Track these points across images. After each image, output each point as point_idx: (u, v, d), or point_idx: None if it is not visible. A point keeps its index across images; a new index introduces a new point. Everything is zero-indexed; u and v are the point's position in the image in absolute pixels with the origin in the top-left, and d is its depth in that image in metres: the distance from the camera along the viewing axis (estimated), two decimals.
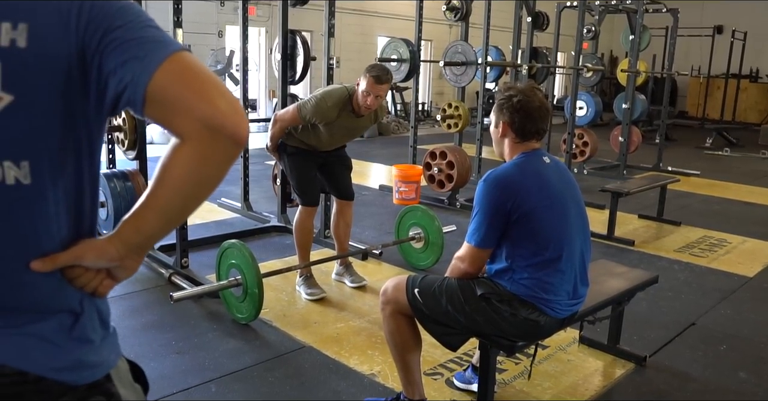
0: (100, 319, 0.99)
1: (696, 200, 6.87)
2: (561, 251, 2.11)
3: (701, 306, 3.70)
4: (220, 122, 0.85)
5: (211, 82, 0.88)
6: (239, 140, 0.87)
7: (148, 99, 0.85)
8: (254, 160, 5.92)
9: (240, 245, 3.15)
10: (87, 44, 0.86)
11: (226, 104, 0.87)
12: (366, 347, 3.03)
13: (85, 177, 0.94)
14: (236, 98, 0.90)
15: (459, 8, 5.82)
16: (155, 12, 6.10)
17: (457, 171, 5.69)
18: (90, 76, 0.88)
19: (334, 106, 3.30)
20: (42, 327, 0.92)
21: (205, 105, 0.85)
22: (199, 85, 0.87)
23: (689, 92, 16.69)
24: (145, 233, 0.93)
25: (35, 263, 0.90)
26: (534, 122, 2.16)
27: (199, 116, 0.85)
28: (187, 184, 0.89)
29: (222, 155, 0.88)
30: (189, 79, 0.87)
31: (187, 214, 0.95)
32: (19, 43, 0.84)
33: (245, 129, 0.87)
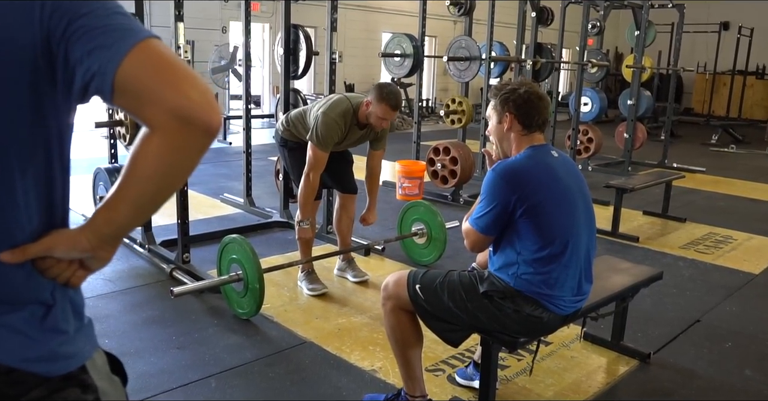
0: (74, 310, 0.98)
1: (701, 196, 6.83)
2: (566, 246, 2.09)
3: (706, 303, 3.67)
4: (190, 113, 0.83)
5: (182, 71, 0.85)
6: (210, 130, 0.85)
7: (116, 89, 0.83)
8: (257, 155, 5.90)
9: (241, 240, 3.13)
10: (52, 33, 0.84)
11: (197, 94, 0.84)
12: (367, 343, 3.01)
13: (55, 167, 0.93)
14: (208, 87, 0.87)
15: (463, 3, 5.79)
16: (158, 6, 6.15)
17: (461, 167, 5.67)
18: (56, 66, 0.86)
19: (342, 117, 3.28)
20: (12, 318, 0.90)
21: (175, 95, 0.83)
22: (169, 75, 0.84)
23: (695, 89, 16.61)
24: (116, 223, 0.91)
25: (4, 254, 0.88)
26: (539, 111, 2.15)
27: (168, 107, 0.82)
28: (157, 174, 0.87)
29: (192, 146, 0.86)
30: (158, 68, 0.84)
31: (159, 204, 0.93)
32: None
33: (217, 119, 0.85)
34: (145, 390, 2.51)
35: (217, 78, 9.80)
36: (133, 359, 2.77)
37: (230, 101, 10.88)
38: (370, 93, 3.27)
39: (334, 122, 3.26)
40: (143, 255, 4.02)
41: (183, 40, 3.53)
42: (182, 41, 3.53)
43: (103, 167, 3.97)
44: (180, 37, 3.53)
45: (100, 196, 4.03)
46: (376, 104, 3.23)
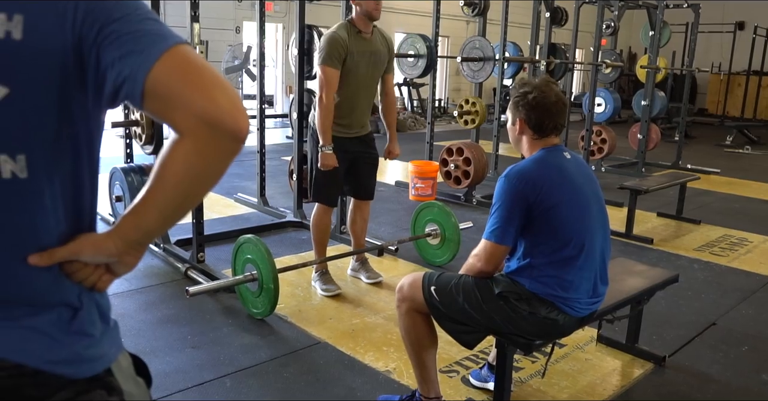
0: (100, 313, 0.99)
1: (716, 198, 6.78)
2: (582, 248, 2.08)
3: (722, 306, 3.65)
4: (218, 118, 0.83)
5: (211, 77, 0.86)
6: (239, 135, 0.85)
7: (146, 94, 0.84)
8: (270, 155, 5.92)
9: (256, 240, 3.15)
10: (84, 37, 0.85)
11: (226, 99, 0.85)
12: (381, 343, 3.01)
13: (84, 171, 0.94)
14: (236, 93, 0.87)
15: (477, 3, 5.77)
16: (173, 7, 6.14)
17: (474, 168, 5.66)
18: (87, 70, 0.86)
19: (340, 32, 3.31)
20: (40, 321, 0.91)
21: (203, 100, 0.83)
22: (198, 80, 0.85)
23: (709, 89, 16.50)
24: (143, 229, 0.92)
25: (33, 257, 0.89)
26: (551, 117, 2.13)
27: (197, 112, 0.83)
28: (185, 180, 0.87)
29: (221, 151, 0.87)
30: (188, 73, 0.85)
31: (187, 210, 0.94)
32: (15, 35, 0.82)
33: (245, 125, 0.86)
34: (161, 389, 2.53)
35: (231, 78, 9.84)
36: (149, 358, 2.78)
37: (244, 101, 10.92)
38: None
39: (333, 34, 3.30)
40: (158, 254, 4.05)
41: (198, 40, 3.55)
42: (197, 41, 3.55)
43: (119, 167, 3.99)
44: (195, 38, 3.55)
45: (116, 195, 4.06)
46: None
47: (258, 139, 5.12)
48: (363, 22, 3.36)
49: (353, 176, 3.58)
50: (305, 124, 4.64)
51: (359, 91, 3.42)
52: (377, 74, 3.51)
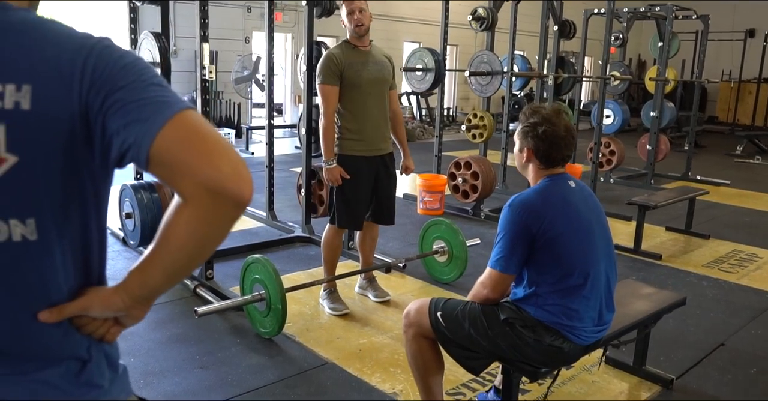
0: (109, 363, 1.02)
1: (725, 211, 6.75)
2: (586, 277, 2.09)
3: (731, 326, 3.63)
4: (221, 186, 0.85)
5: (215, 144, 0.87)
6: (241, 201, 0.87)
7: (151, 161, 0.86)
8: (278, 166, 5.95)
9: (264, 260, 3.17)
10: (90, 105, 0.87)
11: (229, 167, 0.86)
12: (389, 364, 3.02)
13: (92, 228, 0.97)
14: (240, 158, 0.89)
15: (485, 18, 5.79)
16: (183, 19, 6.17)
17: (482, 182, 5.67)
18: (94, 137, 0.89)
19: (333, 50, 3.42)
20: (49, 374, 0.94)
21: (206, 168, 0.85)
22: (202, 147, 0.86)
23: (719, 97, 16.44)
24: (149, 286, 0.95)
25: (43, 314, 0.92)
26: (559, 150, 2.15)
27: (200, 180, 0.85)
28: (188, 244, 0.89)
29: (223, 217, 0.88)
30: (191, 141, 0.86)
31: (191, 269, 0.96)
32: (23, 105, 0.85)
33: (248, 190, 0.87)
34: None
35: (240, 88, 9.89)
36: (158, 378, 2.81)
37: (253, 110, 10.98)
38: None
39: (327, 54, 3.42)
40: None
41: (207, 60, 3.59)
42: (206, 62, 3.58)
43: (129, 184, 4.03)
44: (205, 58, 3.58)
45: (126, 212, 4.09)
46: (342, 13, 3.42)
47: (267, 153, 5.15)
48: (355, 39, 3.42)
49: (375, 199, 3.57)
50: (314, 139, 4.67)
51: (367, 101, 3.41)
52: (383, 83, 3.48)
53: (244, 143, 9.65)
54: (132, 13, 4.08)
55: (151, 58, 3.83)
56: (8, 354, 0.93)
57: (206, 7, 3.58)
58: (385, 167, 3.53)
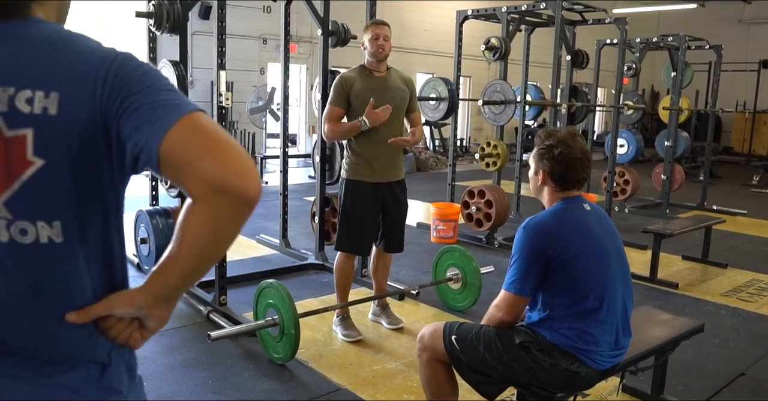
0: (128, 369, 1.04)
1: (743, 240, 6.68)
2: (602, 301, 2.07)
3: (750, 355, 3.56)
4: (226, 182, 0.86)
5: (221, 142, 0.89)
6: (247, 199, 0.88)
7: (161, 161, 0.88)
8: (292, 195, 5.98)
9: (278, 285, 3.17)
10: (108, 111, 0.90)
11: (235, 164, 0.87)
12: (402, 390, 2.99)
13: (113, 231, 0.99)
14: (247, 157, 0.90)
15: (498, 48, 5.85)
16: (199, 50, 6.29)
17: (496, 210, 5.66)
18: (111, 141, 0.92)
19: (348, 73, 3.46)
20: (71, 378, 0.96)
21: (213, 166, 0.86)
22: (208, 146, 0.88)
23: (734, 127, 16.40)
24: (168, 286, 0.97)
25: (70, 315, 0.94)
26: (575, 172, 2.15)
27: (205, 176, 0.86)
28: (200, 243, 0.91)
29: (230, 215, 0.89)
30: (198, 140, 0.88)
31: (206, 269, 0.97)
32: (51, 110, 0.89)
33: (255, 188, 0.88)
34: None
35: (255, 118, 10.02)
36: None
37: (267, 140, 11.09)
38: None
39: (340, 75, 3.46)
40: (181, 297, 4.07)
41: (224, 88, 3.65)
42: (223, 89, 3.64)
43: (144, 210, 4.07)
44: (221, 85, 3.64)
45: (141, 238, 4.13)
46: (364, 36, 3.43)
47: (281, 181, 5.18)
48: (372, 64, 3.44)
49: (383, 226, 3.57)
50: (327, 167, 4.71)
51: (378, 128, 3.37)
52: (396, 108, 3.43)
53: (259, 173, 9.71)
54: (151, 42, 4.17)
55: None
56: (33, 358, 0.95)
57: (224, 35, 3.66)
58: (393, 194, 3.53)
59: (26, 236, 0.91)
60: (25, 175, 0.89)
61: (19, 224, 0.91)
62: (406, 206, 3.65)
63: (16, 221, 0.90)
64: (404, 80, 3.56)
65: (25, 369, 0.94)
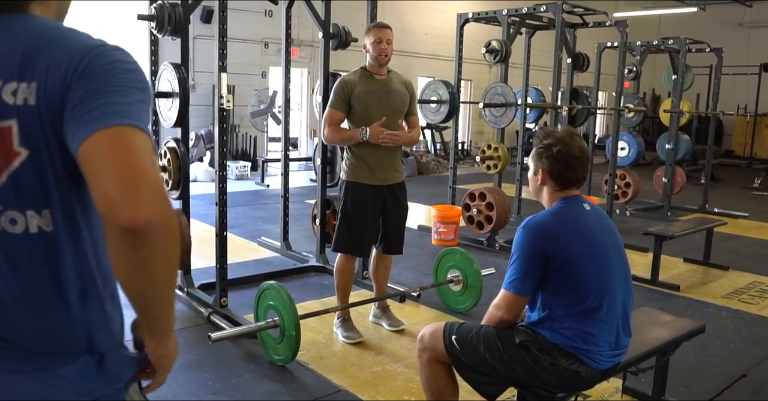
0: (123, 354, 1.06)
1: (744, 243, 6.67)
2: (602, 301, 2.07)
3: (752, 357, 3.56)
4: (106, 208, 0.84)
5: (124, 164, 0.85)
6: (127, 227, 0.83)
7: (79, 160, 0.87)
8: (293, 198, 5.99)
9: (278, 286, 3.17)
10: (68, 101, 0.90)
11: (125, 186, 0.83)
12: (402, 392, 2.98)
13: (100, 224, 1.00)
14: (150, 180, 0.85)
15: (498, 50, 5.86)
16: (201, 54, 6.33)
17: (496, 213, 5.66)
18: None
19: (348, 75, 3.46)
20: (70, 369, 0.97)
21: (102, 184, 0.84)
22: (110, 164, 0.85)
23: (736, 131, 16.40)
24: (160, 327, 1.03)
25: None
26: (574, 170, 2.14)
27: (96, 195, 0.85)
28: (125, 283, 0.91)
29: (118, 242, 0.86)
30: (109, 154, 0.85)
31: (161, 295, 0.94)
32: (30, 101, 0.90)
33: (136, 215, 0.82)
34: None
35: (256, 122, 10.04)
36: None
37: (268, 144, 11.11)
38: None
39: (341, 78, 3.48)
40: (182, 298, 4.08)
41: (225, 90, 3.65)
42: (225, 91, 3.65)
43: None
44: (222, 88, 3.65)
45: None
46: (366, 39, 3.42)
47: (282, 183, 5.19)
48: (374, 67, 3.45)
49: (383, 223, 3.58)
50: (328, 169, 4.72)
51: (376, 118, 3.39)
52: (395, 113, 3.45)
53: (260, 176, 9.74)
54: (153, 45, 4.17)
55: (170, 87, 3.90)
56: (32, 351, 0.95)
57: (225, 38, 3.67)
58: (393, 196, 3.53)
59: (16, 226, 0.92)
60: (12, 165, 0.90)
61: (9, 214, 0.92)
62: (406, 208, 3.65)
63: (6, 211, 0.92)
64: (404, 83, 3.56)
65: (25, 363, 0.95)
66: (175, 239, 0.89)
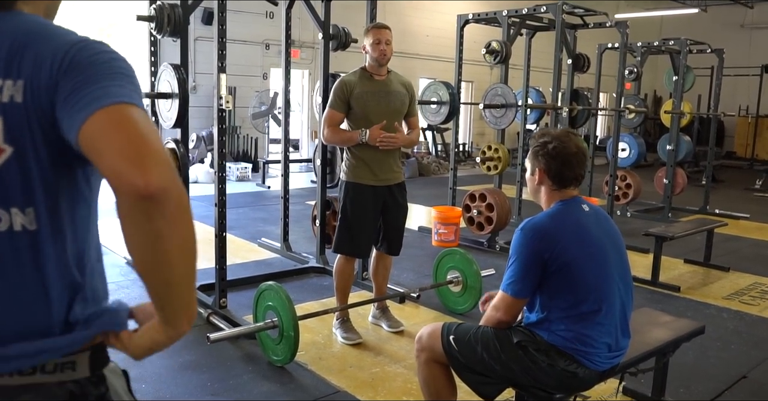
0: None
1: (745, 244, 6.65)
2: (601, 304, 2.06)
3: (752, 358, 3.54)
4: (117, 178, 0.83)
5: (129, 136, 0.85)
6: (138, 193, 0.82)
7: (81, 146, 0.87)
8: (294, 200, 5.99)
9: (277, 287, 3.16)
10: (58, 97, 0.90)
11: (133, 155, 0.83)
12: (401, 393, 2.98)
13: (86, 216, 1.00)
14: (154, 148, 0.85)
15: (498, 51, 5.86)
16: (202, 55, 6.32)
17: (497, 214, 5.65)
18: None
19: (348, 76, 3.47)
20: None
21: (111, 158, 0.84)
22: (115, 138, 0.85)
23: (737, 132, 16.37)
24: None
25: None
26: (571, 168, 2.13)
27: (104, 171, 0.85)
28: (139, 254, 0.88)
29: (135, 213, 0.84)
30: (111, 130, 0.85)
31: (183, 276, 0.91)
32: (17, 98, 0.90)
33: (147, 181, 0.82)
34: None
35: (258, 123, 10.04)
36: None
37: (270, 145, 11.12)
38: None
39: (341, 78, 3.47)
40: None
41: (225, 91, 3.65)
42: (224, 92, 3.65)
43: None
44: (222, 88, 3.65)
45: None
46: (366, 40, 3.43)
47: (282, 184, 5.19)
48: (373, 68, 3.45)
49: (383, 228, 3.57)
50: (328, 170, 4.72)
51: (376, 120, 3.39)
52: (395, 114, 3.45)
53: (261, 177, 9.74)
54: (152, 46, 4.17)
55: (170, 88, 3.90)
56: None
57: (224, 38, 3.67)
58: (393, 197, 3.52)
59: (1, 224, 0.92)
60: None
61: None
62: (406, 209, 3.65)
63: None
64: (404, 84, 3.56)
65: None
66: (189, 214, 0.87)
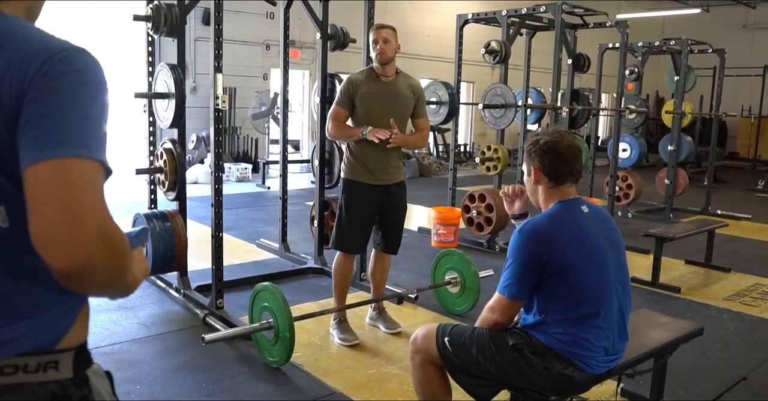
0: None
1: (747, 245, 6.62)
2: (598, 308, 2.03)
3: (753, 359, 3.51)
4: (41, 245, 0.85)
5: (66, 204, 0.84)
6: (59, 272, 0.85)
7: (24, 180, 0.86)
8: (293, 200, 5.97)
9: (272, 288, 3.14)
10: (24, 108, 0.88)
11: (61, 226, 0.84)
12: (397, 394, 2.95)
13: None
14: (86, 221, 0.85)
15: (498, 51, 5.83)
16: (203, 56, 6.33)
17: (496, 214, 5.62)
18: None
19: (356, 75, 3.48)
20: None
21: (40, 220, 0.84)
22: (49, 200, 0.84)
23: (739, 133, 16.34)
24: None
25: None
26: (566, 162, 2.11)
27: (32, 227, 0.85)
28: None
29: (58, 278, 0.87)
30: (50, 190, 0.85)
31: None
32: None
33: (68, 262, 0.84)
34: None
35: (258, 124, 10.03)
36: None
37: (270, 146, 11.10)
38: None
39: (349, 76, 3.48)
40: (178, 300, 4.06)
41: (221, 91, 3.63)
42: (220, 92, 3.63)
43: (141, 213, 4.05)
44: (218, 88, 3.63)
45: None
46: (370, 41, 3.45)
47: (280, 185, 5.17)
48: (379, 67, 3.44)
49: (380, 223, 3.56)
50: (327, 171, 4.70)
51: (377, 122, 3.38)
52: (399, 116, 3.43)
53: (261, 178, 9.72)
54: (150, 46, 4.16)
55: (166, 88, 3.89)
56: None
57: (221, 38, 3.65)
58: (391, 196, 3.51)
59: None
60: None
61: None
62: (404, 208, 3.63)
63: None
64: (411, 87, 3.53)
65: None
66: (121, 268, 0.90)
